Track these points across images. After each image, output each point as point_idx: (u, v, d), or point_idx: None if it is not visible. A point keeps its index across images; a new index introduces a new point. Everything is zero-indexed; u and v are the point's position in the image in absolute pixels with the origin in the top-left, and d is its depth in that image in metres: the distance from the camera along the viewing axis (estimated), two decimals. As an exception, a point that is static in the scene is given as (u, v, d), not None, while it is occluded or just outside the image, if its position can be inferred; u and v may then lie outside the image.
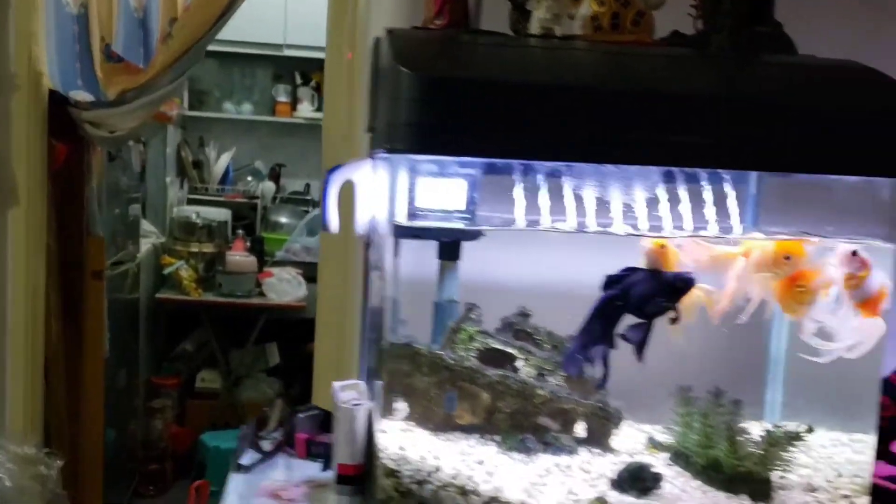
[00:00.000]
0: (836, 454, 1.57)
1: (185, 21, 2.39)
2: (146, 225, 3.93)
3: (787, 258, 1.42)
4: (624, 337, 1.41)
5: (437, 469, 1.37)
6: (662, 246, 1.44)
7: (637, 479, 1.44)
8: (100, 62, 2.60)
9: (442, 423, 1.50)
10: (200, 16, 2.31)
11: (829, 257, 1.43)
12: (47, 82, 2.27)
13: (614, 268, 1.47)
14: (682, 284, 1.40)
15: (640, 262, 1.44)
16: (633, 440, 1.63)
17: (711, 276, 1.50)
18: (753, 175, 1.64)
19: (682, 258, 1.47)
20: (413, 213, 1.48)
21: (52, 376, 2.43)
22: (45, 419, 2.36)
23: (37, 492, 1.57)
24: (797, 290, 1.43)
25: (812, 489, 1.49)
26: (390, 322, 1.43)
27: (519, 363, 1.54)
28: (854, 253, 1.39)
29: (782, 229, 1.53)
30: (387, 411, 1.41)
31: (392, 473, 1.35)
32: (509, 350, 1.54)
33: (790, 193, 1.65)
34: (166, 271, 4.00)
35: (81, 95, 2.51)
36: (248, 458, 1.63)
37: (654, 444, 1.60)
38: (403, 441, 1.43)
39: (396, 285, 1.43)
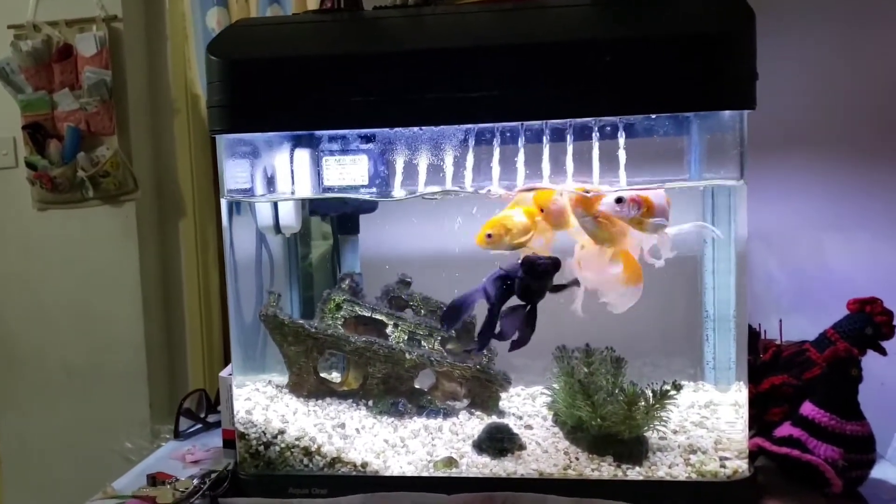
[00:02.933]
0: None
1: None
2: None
3: (542, 211, 1.38)
4: (501, 334, 1.39)
5: (283, 432, 1.44)
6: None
7: (493, 439, 1.44)
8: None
9: (315, 390, 1.57)
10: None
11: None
12: (205, 103, 2.38)
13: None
14: (531, 267, 1.36)
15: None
16: (539, 403, 1.62)
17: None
18: (694, 124, 1.56)
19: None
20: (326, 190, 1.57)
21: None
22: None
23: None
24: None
25: (693, 451, 1.41)
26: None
27: (389, 329, 1.57)
28: (619, 199, 1.33)
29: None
30: (239, 379, 1.49)
31: (242, 436, 1.45)
32: (377, 317, 1.57)
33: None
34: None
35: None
36: (185, 426, 1.77)
37: (550, 407, 1.57)
38: (272, 407, 1.51)
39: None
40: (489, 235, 1.37)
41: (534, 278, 1.38)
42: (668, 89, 1.26)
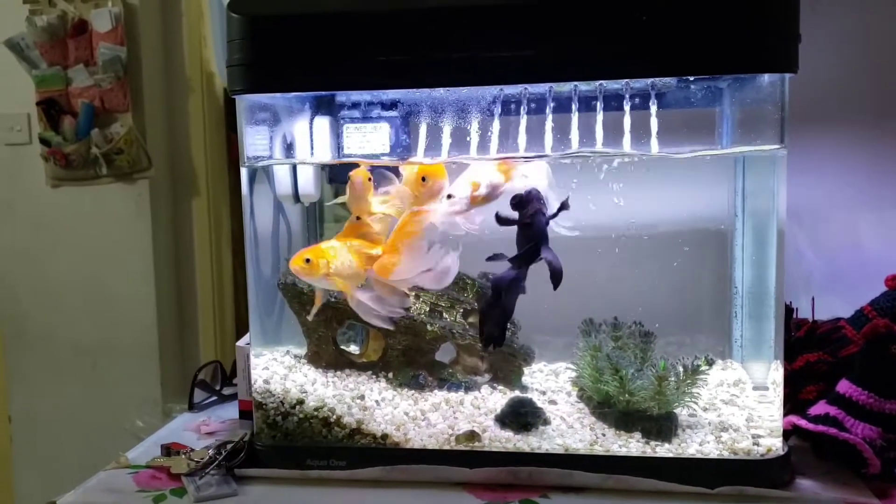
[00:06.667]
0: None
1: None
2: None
3: (424, 179, 1.35)
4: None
5: (301, 402, 1.40)
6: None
7: (517, 413, 1.40)
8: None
9: (333, 361, 1.52)
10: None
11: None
12: (220, 82, 2.40)
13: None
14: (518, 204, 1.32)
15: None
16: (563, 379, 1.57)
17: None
18: (727, 91, 1.51)
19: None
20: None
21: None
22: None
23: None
24: None
25: (724, 429, 1.36)
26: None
27: (410, 300, 1.52)
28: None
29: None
30: (257, 349, 1.45)
31: (259, 406, 1.41)
32: (397, 287, 1.53)
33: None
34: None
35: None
36: (200, 398, 1.74)
37: (575, 382, 1.53)
38: (290, 377, 1.47)
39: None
40: (423, 179, 1.36)
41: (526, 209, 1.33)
42: (706, 50, 1.21)
